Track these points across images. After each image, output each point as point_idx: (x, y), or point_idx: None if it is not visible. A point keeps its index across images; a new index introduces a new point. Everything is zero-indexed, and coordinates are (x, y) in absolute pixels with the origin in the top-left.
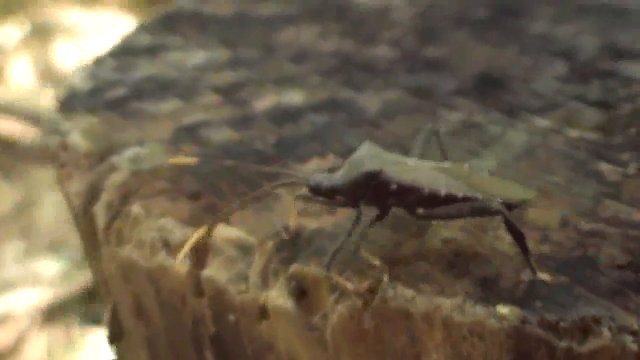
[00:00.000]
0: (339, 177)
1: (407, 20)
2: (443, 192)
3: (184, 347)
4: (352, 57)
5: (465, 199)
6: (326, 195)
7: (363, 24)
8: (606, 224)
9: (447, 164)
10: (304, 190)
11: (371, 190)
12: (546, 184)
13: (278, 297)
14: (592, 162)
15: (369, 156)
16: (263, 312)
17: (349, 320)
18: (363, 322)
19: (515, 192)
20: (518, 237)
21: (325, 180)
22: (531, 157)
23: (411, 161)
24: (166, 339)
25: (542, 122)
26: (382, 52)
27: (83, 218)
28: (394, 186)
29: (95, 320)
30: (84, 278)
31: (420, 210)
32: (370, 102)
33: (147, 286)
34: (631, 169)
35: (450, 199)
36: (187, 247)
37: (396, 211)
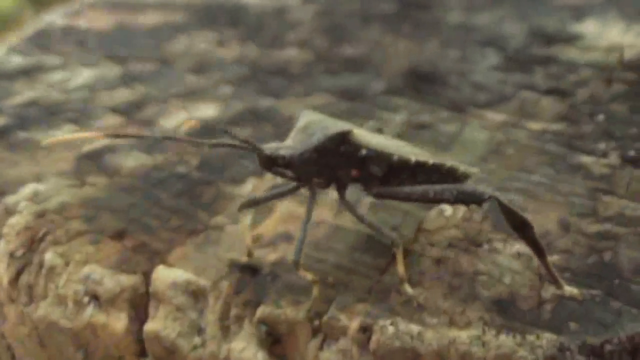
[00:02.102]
0: (299, 144)
1: (309, 20)
2: (413, 159)
3: None
4: (260, 62)
5: (434, 168)
6: (283, 166)
7: (262, 26)
8: (613, 223)
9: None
10: (244, 199)
11: (340, 157)
12: (529, 184)
13: (244, 348)
14: (569, 155)
15: (323, 121)
16: None
17: None
18: None
19: (464, 164)
20: (525, 230)
21: (284, 149)
22: (499, 155)
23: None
24: None
25: (497, 117)
26: (292, 54)
27: None
28: (363, 151)
29: None
30: None
31: (383, 187)
32: (296, 109)
33: (72, 351)
34: (614, 159)
35: (419, 168)
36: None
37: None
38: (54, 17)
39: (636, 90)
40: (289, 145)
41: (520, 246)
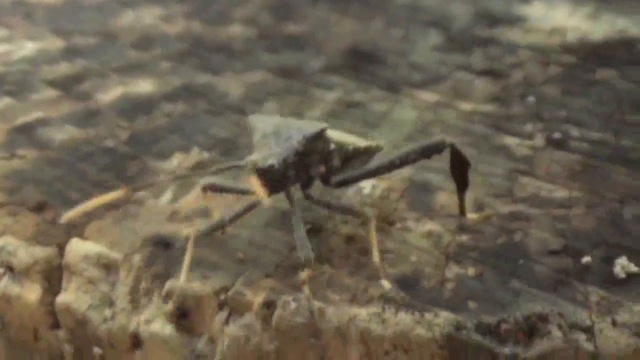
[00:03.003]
0: (280, 150)
1: None
2: (362, 146)
3: None
4: (203, 38)
5: (369, 150)
6: (277, 175)
7: (210, 3)
8: (527, 204)
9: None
10: (205, 179)
11: (314, 155)
12: (449, 164)
13: (152, 322)
14: (494, 136)
15: (291, 123)
16: (135, 342)
17: (244, 343)
18: (262, 344)
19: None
20: (464, 168)
21: (270, 158)
22: (425, 135)
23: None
24: None
25: (429, 97)
26: (237, 31)
27: None
28: (332, 146)
29: None
30: None
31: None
32: (232, 86)
33: None
34: (539, 141)
35: (361, 153)
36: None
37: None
38: None
39: (571, 73)
40: (269, 152)
41: (431, 225)
